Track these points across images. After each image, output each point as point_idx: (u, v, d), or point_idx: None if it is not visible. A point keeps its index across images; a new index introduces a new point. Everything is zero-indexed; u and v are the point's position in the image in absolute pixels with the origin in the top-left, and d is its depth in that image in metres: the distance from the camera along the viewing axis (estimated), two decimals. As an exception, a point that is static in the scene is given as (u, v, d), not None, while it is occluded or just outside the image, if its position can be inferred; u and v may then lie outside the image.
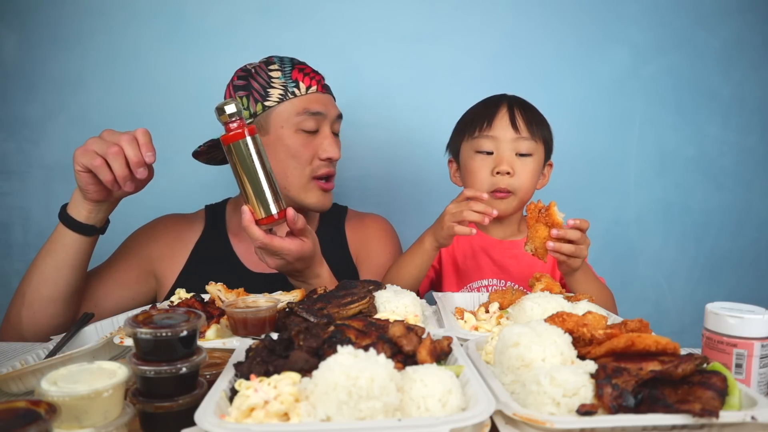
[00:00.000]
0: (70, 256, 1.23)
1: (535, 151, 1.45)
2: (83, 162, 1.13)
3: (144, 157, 1.13)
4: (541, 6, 2.04)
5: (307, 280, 1.28)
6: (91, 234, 1.24)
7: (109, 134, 1.16)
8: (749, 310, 0.85)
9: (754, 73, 2.10)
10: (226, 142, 1.10)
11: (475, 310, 1.15)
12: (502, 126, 1.43)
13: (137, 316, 0.74)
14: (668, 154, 2.12)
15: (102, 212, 1.23)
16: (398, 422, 0.61)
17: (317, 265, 1.28)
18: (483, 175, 1.44)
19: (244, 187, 1.12)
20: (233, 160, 1.11)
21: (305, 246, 1.20)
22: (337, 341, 0.77)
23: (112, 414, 0.66)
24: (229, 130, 1.10)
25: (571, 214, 1.23)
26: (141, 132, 1.15)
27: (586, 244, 1.24)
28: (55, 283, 1.23)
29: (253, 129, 1.11)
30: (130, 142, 1.13)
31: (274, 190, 1.13)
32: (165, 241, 1.55)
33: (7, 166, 2.00)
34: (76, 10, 1.96)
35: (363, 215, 1.73)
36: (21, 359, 0.95)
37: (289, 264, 1.21)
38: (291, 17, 1.99)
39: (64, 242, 1.22)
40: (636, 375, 0.69)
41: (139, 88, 1.98)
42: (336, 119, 1.51)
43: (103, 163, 1.13)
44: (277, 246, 1.15)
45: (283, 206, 1.14)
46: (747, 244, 2.15)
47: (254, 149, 1.10)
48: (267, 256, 1.19)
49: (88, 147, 1.14)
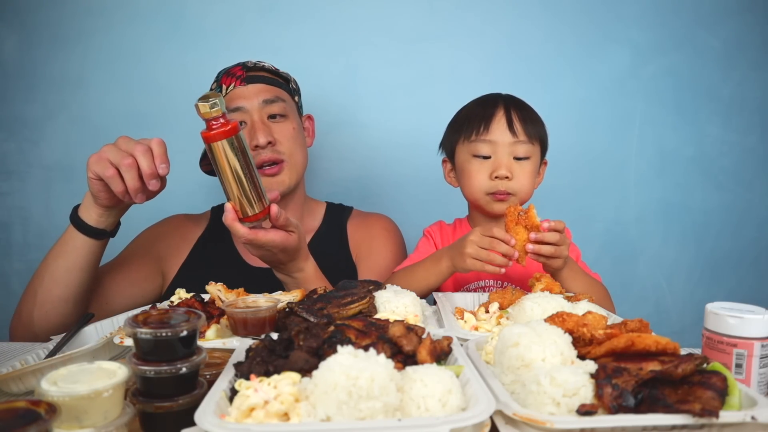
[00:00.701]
0: (80, 258, 1.23)
1: (533, 153, 1.44)
2: (96, 171, 1.13)
3: (158, 168, 1.12)
4: (541, 6, 2.04)
5: (291, 273, 1.29)
6: (102, 237, 1.24)
7: (124, 142, 1.14)
8: (749, 310, 0.85)
9: (754, 73, 2.10)
10: (208, 141, 1.07)
11: (475, 310, 1.15)
12: (500, 130, 1.42)
13: (137, 316, 0.74)
14: (668, 154, 2.11)
15: (113, 216, 1.23)
16: (398, 422, 0.61)
17: (302, 259, 1.28)
18: (481, 179, 1.43)
19: (226, 186, 1.11)
20: (215, 158, 1.08)
21: (290, 238, 1.20)
22: (337, 341, 0.77)
23: (112, 414, 0.66)
24: (210, 128, 1.06)
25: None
26: (156, 143, 1.14)
27: (566, 244, 1.26)
28: (66, 284, 1.23)
29: (235, 127, 1.07)
30: (144, 153, 1.12)
31: (257, 188, 1.11)
32: (172, 239, 1.59)
33: (7, 166, 2.00)
34: (76, 10, 1.96)
35: (367, 214, 1.73)
36: (21, 359, 0.95)
37: (273, 255, 1.22)
38: (291, 17, 1.99)
39: (75, 245, 1.22)
40: (636, 375, 0.69)
41: (139, 88, 1.99)
42: (265, 104, 1.49)
43: (116, 174, 1.12)
44: (262, 240, 1.16)
45: (266, 203, 1.14)
46: (747, 244, 2.15)
47: (237, 148, 1.07)
48: (253, 248, 1.20)
49: (103, 155, 1.13)
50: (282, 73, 1.59)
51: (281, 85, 1.56)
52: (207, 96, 1.04)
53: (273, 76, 1.56)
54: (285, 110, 1.53)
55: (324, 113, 1.93)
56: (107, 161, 1.12)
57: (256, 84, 1.51)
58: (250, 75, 1.51)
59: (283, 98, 1.53)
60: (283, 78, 1.59)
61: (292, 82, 1.62)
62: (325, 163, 2.04)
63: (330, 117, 1.98)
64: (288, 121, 1.53)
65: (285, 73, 1.60)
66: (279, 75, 1.58)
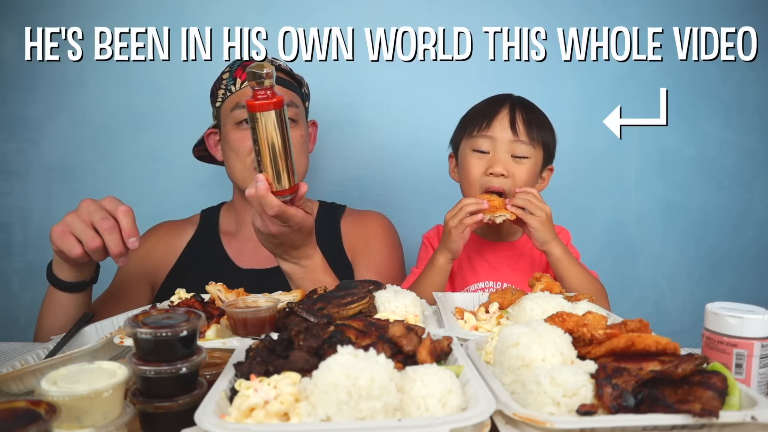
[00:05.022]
0: (70, 312, 1.21)
1: (533, 155, 1.44)
2: (61, 248, 1.10)
3: (127, 243, 1.09)
4: (541, 6, 2.04)
5: (300, 260, 1.25)
6: (83, 289, 1.22)
7: (88, 212, 1.10)
8: (749, 310, 0.85)
9: (754, 73, 2.10)
10: (251, 110, 1.05)
11: (475, 310, 1.15)
12: (501, 127, 1.43)
13: (137, 316, 0.74)
14: (668, 154, 2.11)
15: (88, 268, 1.20)
16: (398, 422, 0.61)
17: (311, 245, 1.26)
18: (476, 174, 1.44)
19: (262, 157, 1.09)
20: (257, 129, 1.06)
21: (308, 218, 1.19)
22: (337, 341, 0.76)
23: (112, 414, 0.66)
24: (255, 97, 1.04)
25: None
26: (123, 213, 1.10)
27: (541, 203, 1.36)
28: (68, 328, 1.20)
29: (281, 101, 1.05)
30: (111, 231, 1.08)
31: (291, 164, 1.11)
32: (157, 250, 1.59)
33: (7, 166, 2.00)
34: (76, 10, 1.96)
35: (361, 212, 1.73)
36: (21, 359, 0.95)
37: (288, 236, 1.18)
38: (291, 17, 1.99)
39: (60, 302, 1.21)
40: (636, 375, 0.69)
41: (139, 88, 1.98)
42: None
43: (82, 253, 1.09)
44: (289, 213, 1.13)
45: (296, 180, 1.13)
46: (747, 244, 2.15)
47: (278, 122, 1.06)
48: (272, 224, 1.15)
49: (66, 229, 1.09)
50: (297, 75, 1.58)
51: (295, 89, 1.55)
52: (261, 65, 1.02)
53: (288, 79, 1.54)
54: (296, 116, 1.51)
55: (324, 113, 1.93)
56: (72, 240, 1.08)
57: None
58: None
59: (296, 104, 1.52)
60: (297, 81, 1.58)
61: (305, 87, 1.61)
62: (326, 162, 2.04)
63: (330, 116, 1.98)
64: (297, 128, 1.52)
65: (299, 76, 1.59)
66: (294, 78, 1.57)
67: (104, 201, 1.12)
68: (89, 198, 1.13)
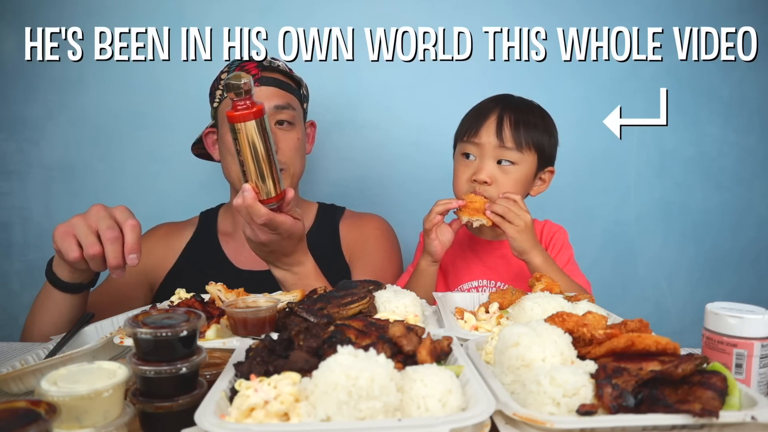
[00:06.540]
0: (64, 312, 1.21)
1: (521, 160, 1.41)
2: (60, 248, 1.09)
3: (126, 259, 1.07)
4: (541, 6, 2.04)
5: (292, 267, 1.26)
6: (80, 291, 1.21)
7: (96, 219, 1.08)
8: (749, 310, 0.85)
9: (754, 73, 2.10)
10: (233, 121, 1.06)
11: (475, 310, 1.15)
12: (488, 133, 1.41)
13: (137, 316, 0.74)
14: (668, 154, 2.11)
15: (87, 271, 1.19)
16: (398, 422, 0.61)
17: (302, 251, 1.26)
18: (463, 179, 1.44)
19: (247, 167, 1.10)
20: (238, 139, 1.07)
21: (298, 224, 1.19)
22: (337, 341, 0.76)
23: (112, 414, 0.66)
24: (235, 108, 1.05)
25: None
26: (130, 227, 1.08)
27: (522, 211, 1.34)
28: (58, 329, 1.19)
29: (260, 109, 1.06)
30: (113, 242, 1.06)
31: (276, 171, 1.11)
32: (157, 251, 1.59)
33: (7, 166, 2.00)
34: (76, 10, 1.96)
35: (360, 215, 1.73)
36: (21, 359, 0.95)
37: (278, 243, 1.18)
38: (291, 17, 1.99)
39: (54, 300, 1.20)
40: (636, 375, 0.69)
41: (139, 88, 1.98)
42: (275, 110, 1.47)
43: (80, 258, 1.08)
44: (278, 221, 1.14)
45: (282, 187, 1.14)
46: (747, 244, 2.15)
47: (260, 131, 1.06)
48: (262, 232, 1.15)
49: (70, 231, 1.08)
50: (295, 76, 1.57)
51: (293, 91, 1.53)
52: (239, 75, 1.02)
53: (287, 80, 1.53)
54: (293, 118, 1.50)
55: (324, 113, 1.93)
56: (74, 243, 1.07)
57: (270, 87, 1.48)
58: (265, 76, 1.48)
59: (293, 106, 1.51)
60: (296, 82, 1.56)
61: (304, 88, 1.60)
62: (326, 163, 2.04)
63: (330, 117, 1.98)
64: (294, 131, 1.51)
65: (298, 77, 1.58)
66: (292, 78, 1.56)
67: (115, 210, 1.11)
68: (101, 204, 1.11)
